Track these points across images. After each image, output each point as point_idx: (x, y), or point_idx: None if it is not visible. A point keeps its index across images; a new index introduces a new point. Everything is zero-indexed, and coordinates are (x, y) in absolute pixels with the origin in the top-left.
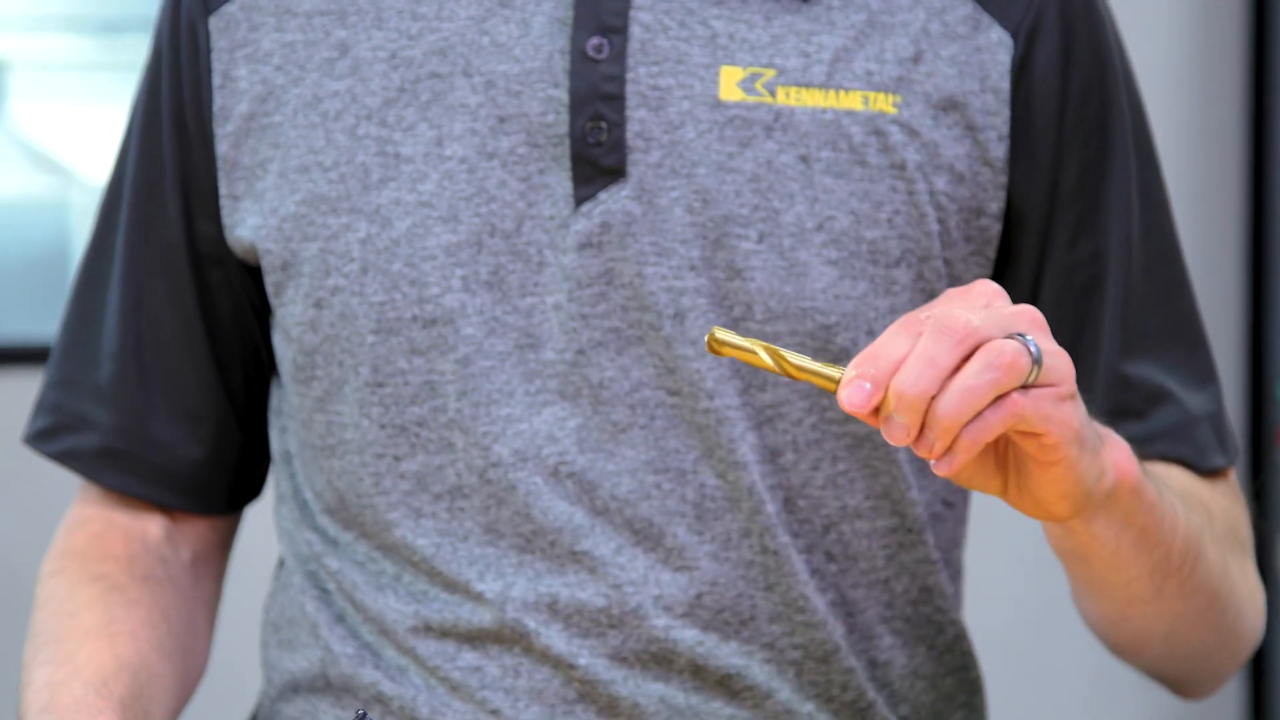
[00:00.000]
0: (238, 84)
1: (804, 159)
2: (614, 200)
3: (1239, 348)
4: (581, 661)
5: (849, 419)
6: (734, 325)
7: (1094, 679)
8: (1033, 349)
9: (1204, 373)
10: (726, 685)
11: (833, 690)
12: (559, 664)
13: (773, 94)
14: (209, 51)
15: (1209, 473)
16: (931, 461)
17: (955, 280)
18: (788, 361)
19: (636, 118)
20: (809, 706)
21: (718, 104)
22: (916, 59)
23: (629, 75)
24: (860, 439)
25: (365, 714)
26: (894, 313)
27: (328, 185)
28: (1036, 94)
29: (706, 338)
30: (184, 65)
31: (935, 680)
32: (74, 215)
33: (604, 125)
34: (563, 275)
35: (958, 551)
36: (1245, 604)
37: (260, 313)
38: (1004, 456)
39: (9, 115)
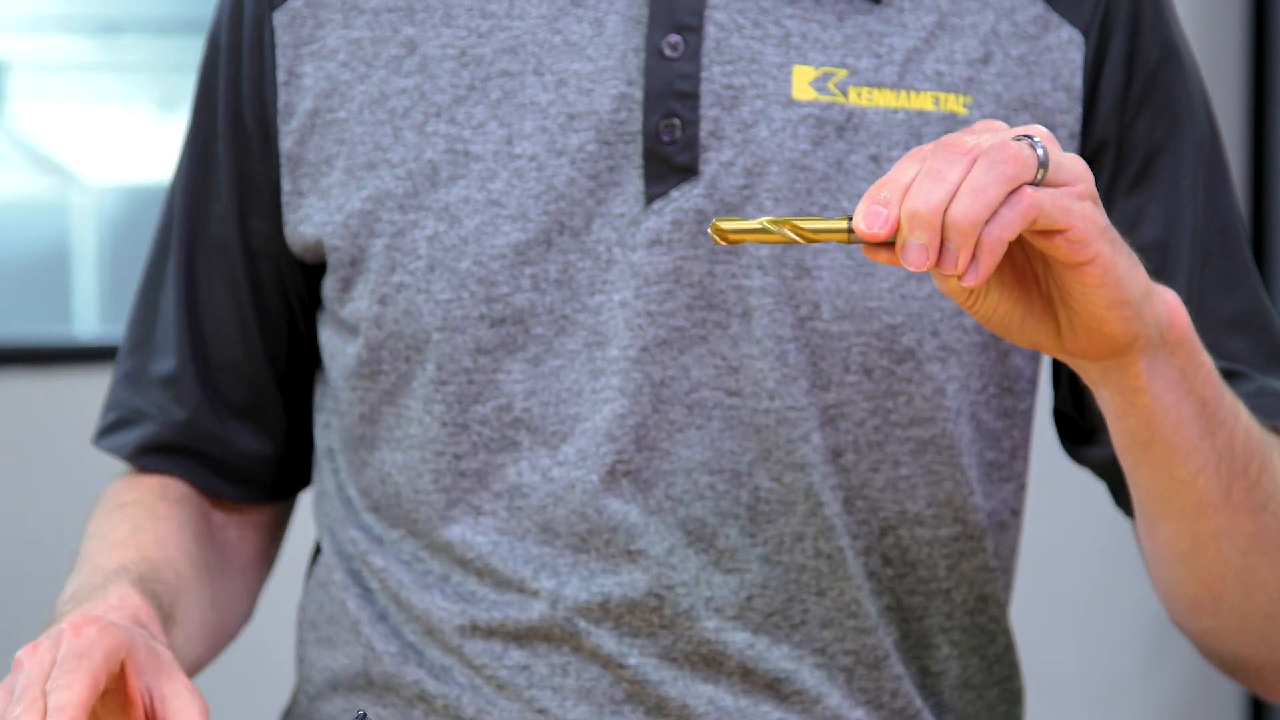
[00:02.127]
0: (302, 80)
1: (874, 159)
2: (686, 198)
3: None
4: (631, 661)
5: (913, 422)
6: (800, 324)
7: (1095, 679)
8: (1039, 149)
9: (1273, 362)
10: (776, 689)
11: (883, 697)
12: (608, 663)
13: (845, 94)
14: (273, 47)
15: None
16: (961, 278)
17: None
18: (799, 228)
19: (710, 116)
20: (859, 713)
21: (790, 103)
22: (986, 60)
23: (703, 74)
24: (924, 444)
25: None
26: (959, 314)
27: (395, 182)
28: (1105, 86)
29: (710, 231)
30: (245, 60)
31: (982, 691)
32: (74, 215)
33: (677, 123)
34: (631, 272)
35: (1014, 560)
36: None
37: (307, 308)
38: (1047, 293)
39: (9, 115)
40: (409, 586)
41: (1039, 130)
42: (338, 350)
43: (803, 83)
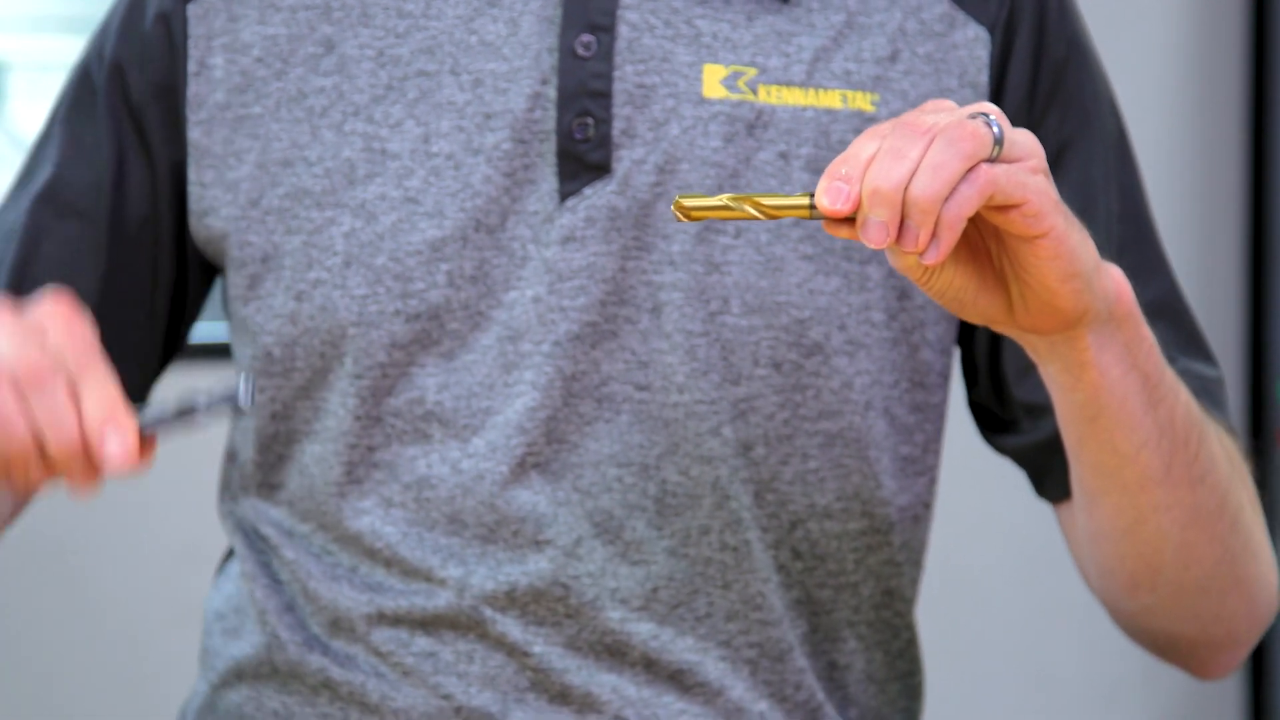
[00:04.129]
0: (213, 72)
1: (784, 156)
2: (599, 195)
3: (1239, 348)
4: (536, 650)
5: (821, 415)
6: (711, 319)
7: (1095, 679)
8: (994, 126)
9: (1190, 346)
10: (679, 680)
11: (786, 690)
12: (513, 651)
13: (755, 92)
14: (185, 38)
15: None
16: (921, 256)
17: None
18: (760, 204)
19: (623, 115)
20: (762, 705)
21: (701, 101)
22: (894, 58)
23: (616, 73)
24: (832, 437)
25: None
26: (866, 309)
27: (312, 180)
28: (1011, 82)
29: (673, 208)
30: (156, 52)
31: (884, 685)
32: None
33: (590, 122)
34: (544, 268)
35: (923, 553)
36: (1260, 551)
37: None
38: (1000, 268)
39: (9, 115)
40: (317, 577)
41: (991, 108)
42: (242, 353)
43: (713, 81)
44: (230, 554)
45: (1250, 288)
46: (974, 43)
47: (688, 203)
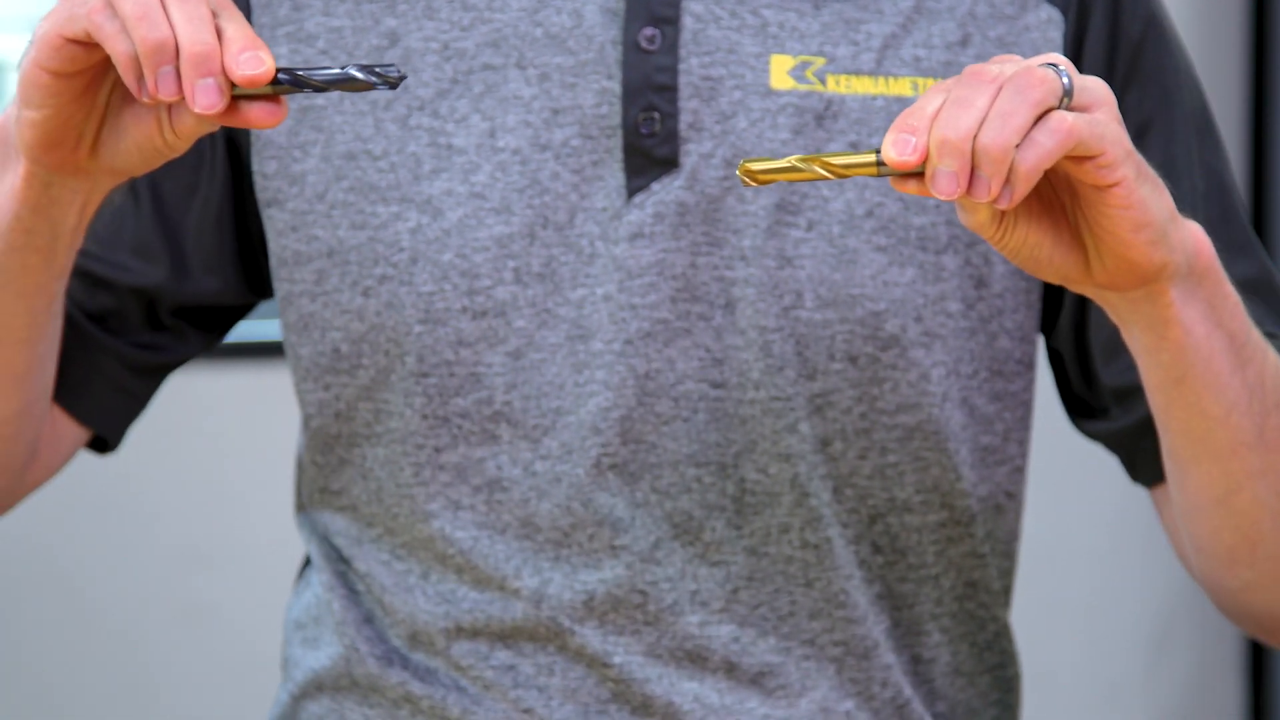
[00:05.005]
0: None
1: (854, 146)
2: (667, 191)
3: None
4: (616, 660)
5: (899, 408)
6: (784, 314)
7: (1095, 679)
8: (1063, 75)
9: None
10: (760, 683)
11: (873, 687)
12: (594, 662)
13: (823, 82)
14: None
15: None
16: (996, 203)
17: (1006, 265)
18: (828, 163)
19: (689, 108)
20: (848, 704)
21: (769, 93)
22: (964, 42)
23: (681, 66)
24: (910, 430)
25: None
26: (942, 299)
27: (377, 174)
28: (1087, 64)
29: (739, 173)
30: None
31: (973, 678)
32: None
33: (656, 116)
34: (614, 266)
35: (1015, 544)
36: None
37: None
38: (1074, 223)
39: None
40: (392, 590)
41: (1059, 58)
42: (309, 350)
43: (781, 72)
44: (308, 562)
45: None
46: (1046, 24)
47: (754, 166)
